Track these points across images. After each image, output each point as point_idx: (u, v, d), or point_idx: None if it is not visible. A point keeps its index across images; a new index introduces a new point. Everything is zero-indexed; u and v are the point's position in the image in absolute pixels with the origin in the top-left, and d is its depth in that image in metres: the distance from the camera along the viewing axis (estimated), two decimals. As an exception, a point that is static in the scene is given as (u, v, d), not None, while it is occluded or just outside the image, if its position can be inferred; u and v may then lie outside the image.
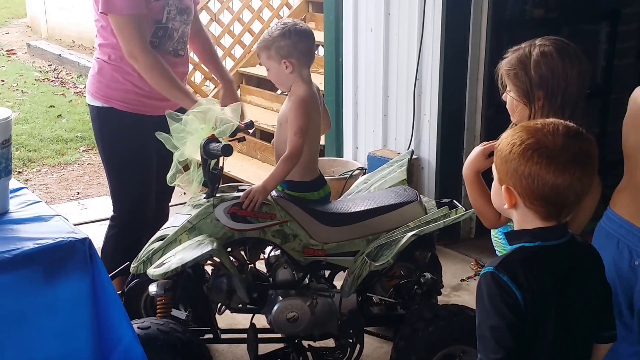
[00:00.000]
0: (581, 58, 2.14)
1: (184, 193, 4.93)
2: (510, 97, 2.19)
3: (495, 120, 4.27)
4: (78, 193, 5.69)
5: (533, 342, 1.66)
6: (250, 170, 5.28)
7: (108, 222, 3.40)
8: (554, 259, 1.69)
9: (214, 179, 2.81)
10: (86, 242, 1.96)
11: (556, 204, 1.64)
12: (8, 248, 1.93)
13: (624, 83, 5.16)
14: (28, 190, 2.28)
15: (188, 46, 3.36)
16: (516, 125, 1.93)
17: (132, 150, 3.23)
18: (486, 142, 2.14)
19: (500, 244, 2.29)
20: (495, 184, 1.76)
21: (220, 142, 2.71)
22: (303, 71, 2.89)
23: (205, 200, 2.82)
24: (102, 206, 4.99)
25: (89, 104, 3.27)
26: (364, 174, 4.00)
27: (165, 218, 3.41)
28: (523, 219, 1.70)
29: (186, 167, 2.87)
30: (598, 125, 5.11)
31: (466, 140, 4.25)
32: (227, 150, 2.68)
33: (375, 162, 4.21)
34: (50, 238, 1.98)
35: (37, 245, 1.95)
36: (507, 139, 1.68)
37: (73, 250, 1.94)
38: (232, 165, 5.18)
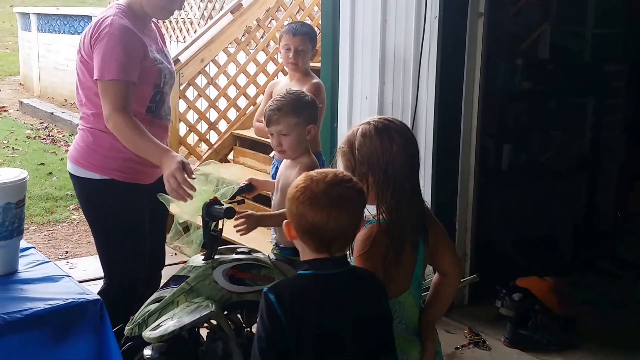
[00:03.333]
0: (403, 134, 2.22)
1: (175, 254, 4.95)
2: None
3: (488, 186, 4.36)
4: (67, 252, 5.60)
5: None
6: (242, 232, 5.27)
7: (98, 284, 3.25)
8: (324, 287, 1.89)
9: (214, 241, 2.83)
10: (98, 304, 1.98)
11: (319, 238, 1.88)
12: (19, 308, 1.94)
13: (611, 156, 5.27)
14: (36, 250, 2.29)
15: None
16: None
17: (128, 221, 3.11)
18: None
19: None
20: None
21: (223, 205, 2.75)
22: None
23: (203, 262, 2.83)
24: (91, 266, 4.92)
25: (78, 176, 3.09)
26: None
27: (157, 287, 3.36)
28: (302, 250, 1.94)
29: (185, 229, 2.90)
30: (586, 196, 5.16)
31: (459, 208, 4.30)
32: (230, 213, 2.72)
33: (369, 227, 4.23)
34: (61, 299, 1.99)
35: (48, 306, 1.96)
36: (295, 182, 1.93)
37: (84, 311, 1.96)
38: (225, 226, 5.16)
